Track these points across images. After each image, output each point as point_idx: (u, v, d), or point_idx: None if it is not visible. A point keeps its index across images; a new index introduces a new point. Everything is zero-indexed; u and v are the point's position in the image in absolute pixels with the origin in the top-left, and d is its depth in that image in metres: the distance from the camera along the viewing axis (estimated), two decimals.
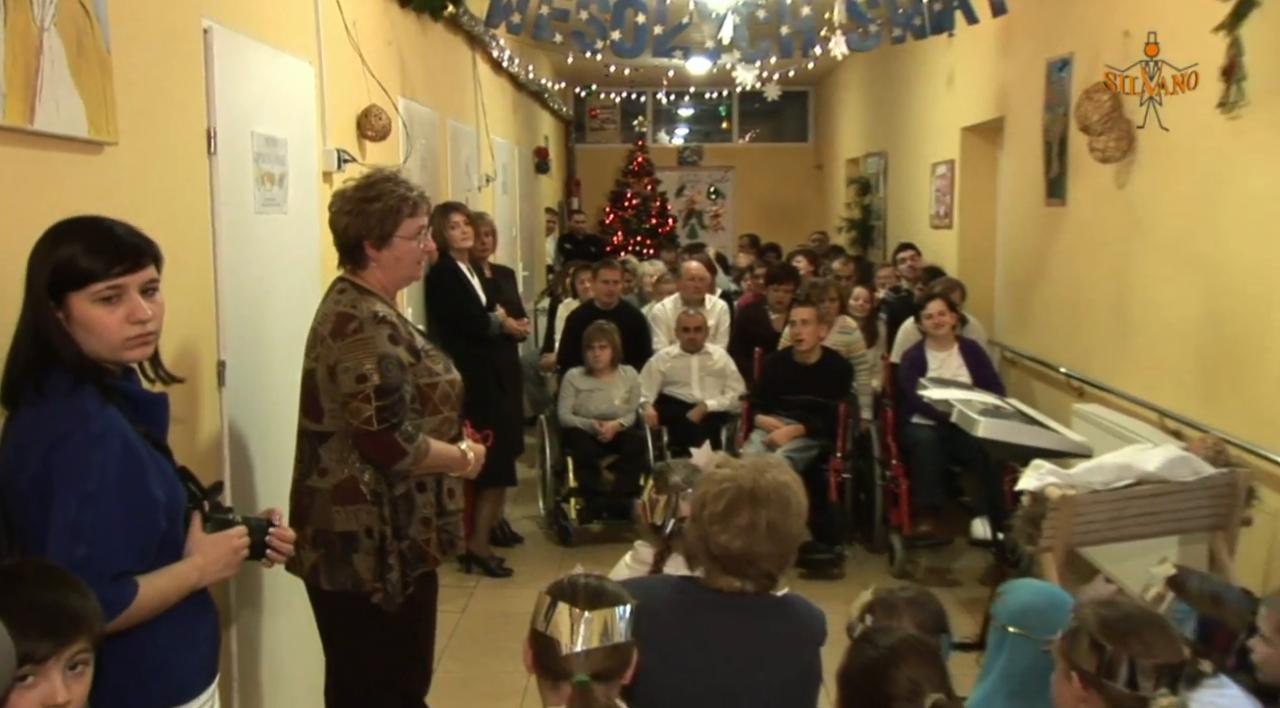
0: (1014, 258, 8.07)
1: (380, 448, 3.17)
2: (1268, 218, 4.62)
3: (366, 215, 3.25)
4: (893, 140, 12.08)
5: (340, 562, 3.23)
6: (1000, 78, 8.16)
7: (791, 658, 2.63)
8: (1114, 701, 2.27)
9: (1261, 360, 4.65)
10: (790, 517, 2.60)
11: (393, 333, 3.21)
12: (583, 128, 18.48)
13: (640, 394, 7.20)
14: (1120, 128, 5.79)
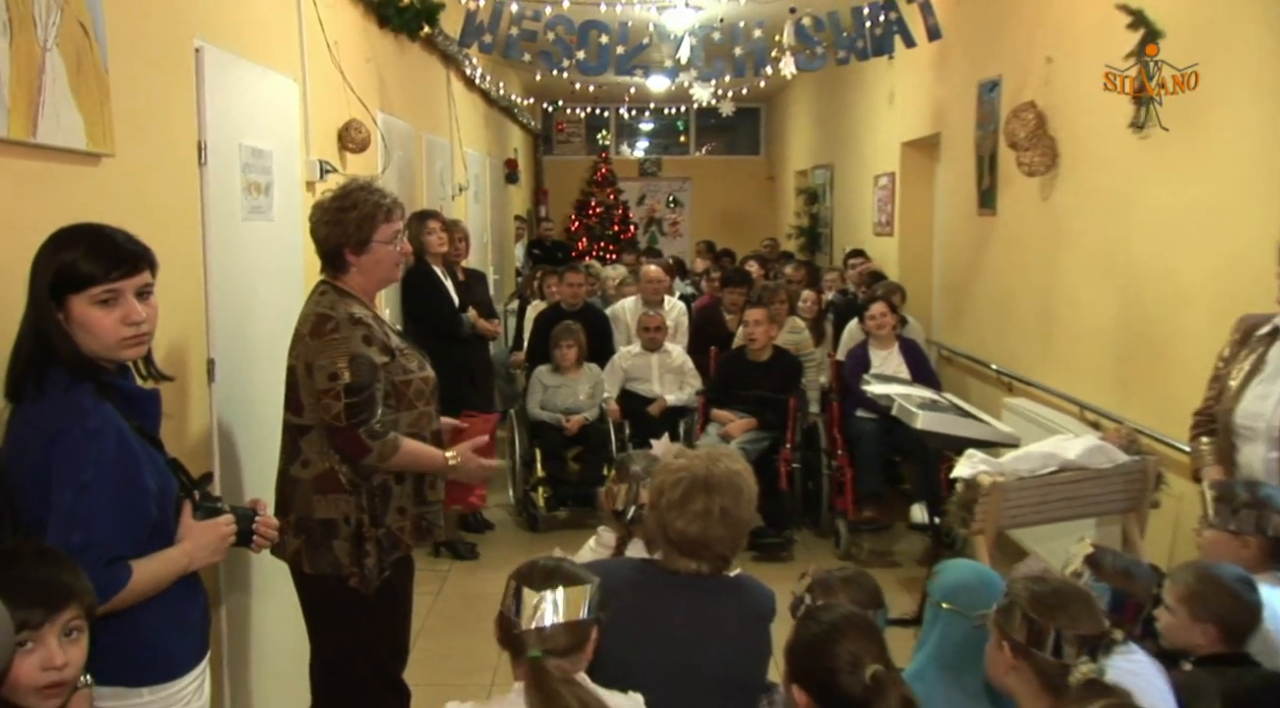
0: (949, 263, 8.09)
1: (347, 443, 3.16)
2: (1174, 229, 4.67)
3: (344, 223, 3.24)
4: (838, 154, 12.10)
5: (321, 547, 3.22)
6: (936, 97, 8.19)
7: (743, 633, 2.65)
8: (1041, 669, 2.28)
9: (1169, 358, 4.70)
10: (742, 503, 2.63)
11: (367, 334, 3.19)
12: (550, 141, 18.42)
13: (604, 390, 7.20)
14: (1044, 144, 5.86)
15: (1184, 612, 2.77)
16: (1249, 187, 4.12)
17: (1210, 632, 2.73)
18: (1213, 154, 4.38)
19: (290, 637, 4.30)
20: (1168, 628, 2.81)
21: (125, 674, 2.30)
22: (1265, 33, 4.00)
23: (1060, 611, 2.29)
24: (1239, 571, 2.82)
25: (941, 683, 2.70)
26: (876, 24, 7.00)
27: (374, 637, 3.33)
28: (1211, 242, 4.38)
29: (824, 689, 2.18)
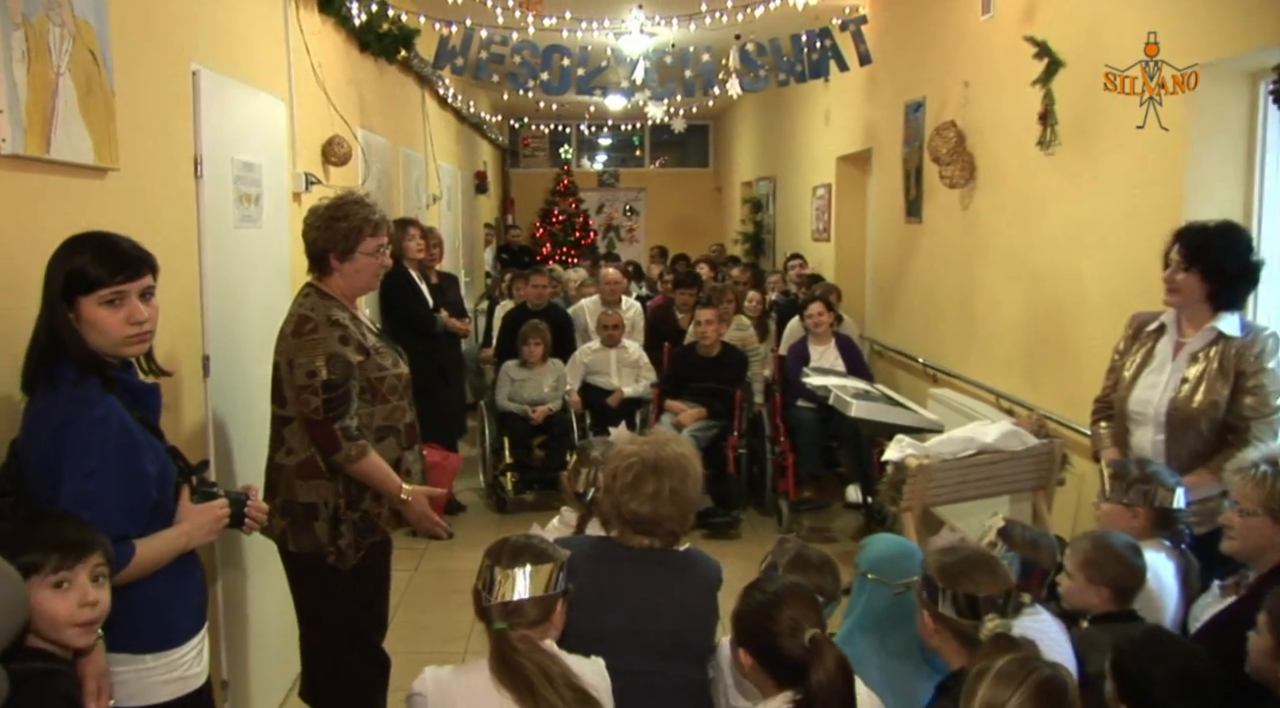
0: (880, 266, 8.12)
1: (322, 436, 3.17)
2: (1075, 236, 4.74)
3: (334, 231, 3.26)
4: (780, 167, 12.12)
5: (304, 528, 3.25)
6: (868, 116, 8.22)
7: (692, 601, 2.68)
8: (955, 629, 2.33)
9: (1072, 351, 4.76)
10: (689, 483, 2.66)
11: (343, 334, 3.20)
12: (517, 154, 18.35)
13: (566, 383, 7.23)
14: (964, 159, 5.92)
15: (1082, 576, 2.85)
16: (1139, 199, 4.19)
17: (1104, 593, 2.82)
18: (1107, 171, 4.45)
19: (281, 610, 4.32)
20: (1068, 591, 2.88)
21: (132, 642, 2.33)
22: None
23: (963, 577, 2.33)
24: (1128, 539, 2.91)
25: (868, 645, 2.75)
26: (814, 50, 7.05)
27: (354, 610, 3.34)
28: (1107, 247, 4.45)
29: (767, 652, 2.22)
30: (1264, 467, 2.71)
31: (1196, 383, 3.32)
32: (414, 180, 7.93)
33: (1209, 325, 3.35)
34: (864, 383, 6.04)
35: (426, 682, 2.31)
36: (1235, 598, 2.74)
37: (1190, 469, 3.29)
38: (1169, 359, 3.44)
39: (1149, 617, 2.85)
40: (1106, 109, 4.42)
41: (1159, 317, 3.53)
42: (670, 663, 2.62)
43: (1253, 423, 3.22)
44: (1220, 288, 3.31)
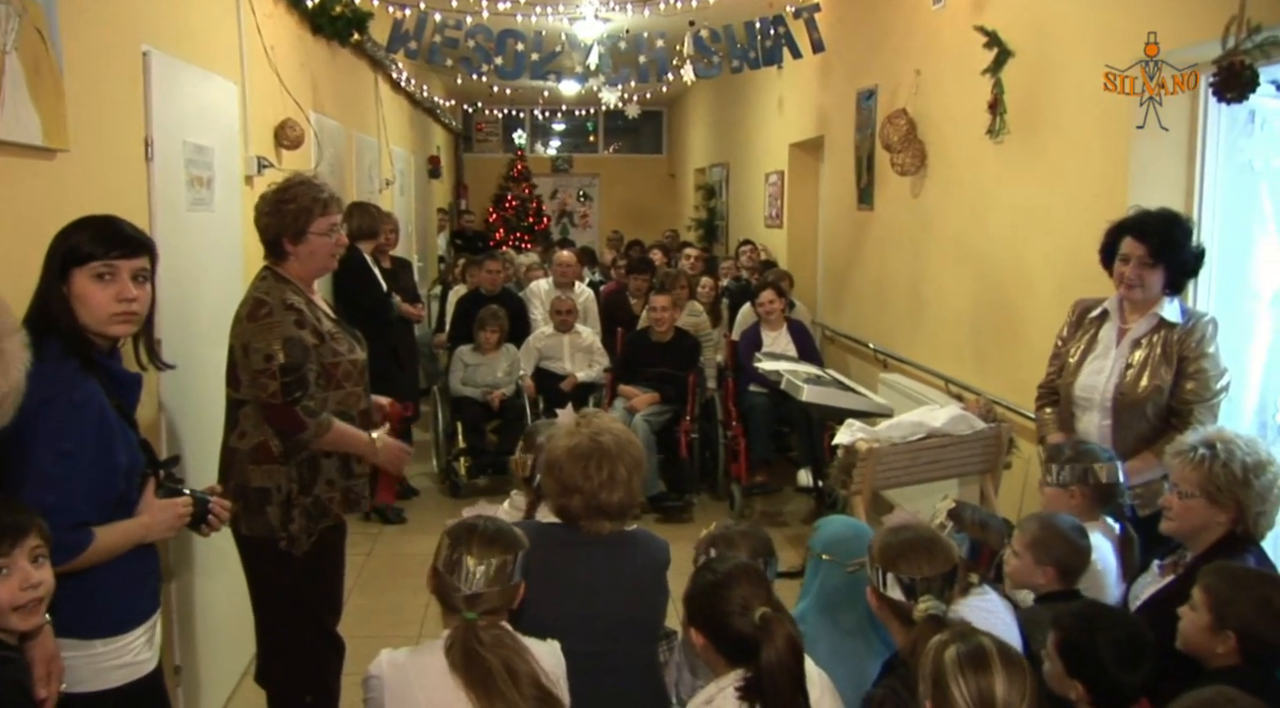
0: (832, 253, 8.18)
1: (284, 419, 3.14)
2: (1022, 223, 4.80)
3: (283, 215, 3.22)
4: (733, 153, 12.16)
5: (255, 512, 3.21)
6: (820, 103, 8.26)
7: (642, 581, 2.70)
8: (893, 607, 2.37)
9: (1019, 337, 4.83)
10: (629, 466, 2.67)
11: (299, 318, 3.16)
12: (470, 139, 18.25)
13: (520, 368, 7.22)
14: (914, 147, 5.97)
15: (1029, 556, 2.90)
16: (1082, 188, 4.26)
17: (1049, 573, 2.88)
18: (1053, 160, 4.52)
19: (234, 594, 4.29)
20: (1014, 571, 2.94)
21: (81, 627, 2.32)
22: (1091, 56, 4.17)
23: (901, 559, 2.37)
24: (1074, 520, 2.97)
25: (821, 623, 2.79)
26: (767, 37, 7.08)
27: (307, 594, 3.33)
28: (1053, 235, 4.52)
29: (718, 631, 2.24)
30: (1202, 450, 2.77)
31: (1141, 368, 3.38)
32: (367, 165, 7.87)
33: (1151, 312, 3.41)
34: (815, 368, 6.07)
35: (382, 664, 2.31)
36: (1173, 577, 2.81)
37: (1136, 453, 3.36)
38: (1113, 345, 3.50)
39: (1092, 596, 2.91)
40: (1054, 99, 4.49)
41: (1101, 303, 3.60)
42: (621, 643, 2.64)
43: (1195, 407, 3.30)
44: (1176, 276, 3.38)
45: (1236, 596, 2.33)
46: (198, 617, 3.87)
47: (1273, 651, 2.31)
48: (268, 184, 4.88)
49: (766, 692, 2.13)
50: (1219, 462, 2.72)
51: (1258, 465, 2.72)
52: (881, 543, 2.44)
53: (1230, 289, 3.85)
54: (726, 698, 2.19)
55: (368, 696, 2.32)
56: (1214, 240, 3.83)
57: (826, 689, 2.32)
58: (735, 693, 2.18)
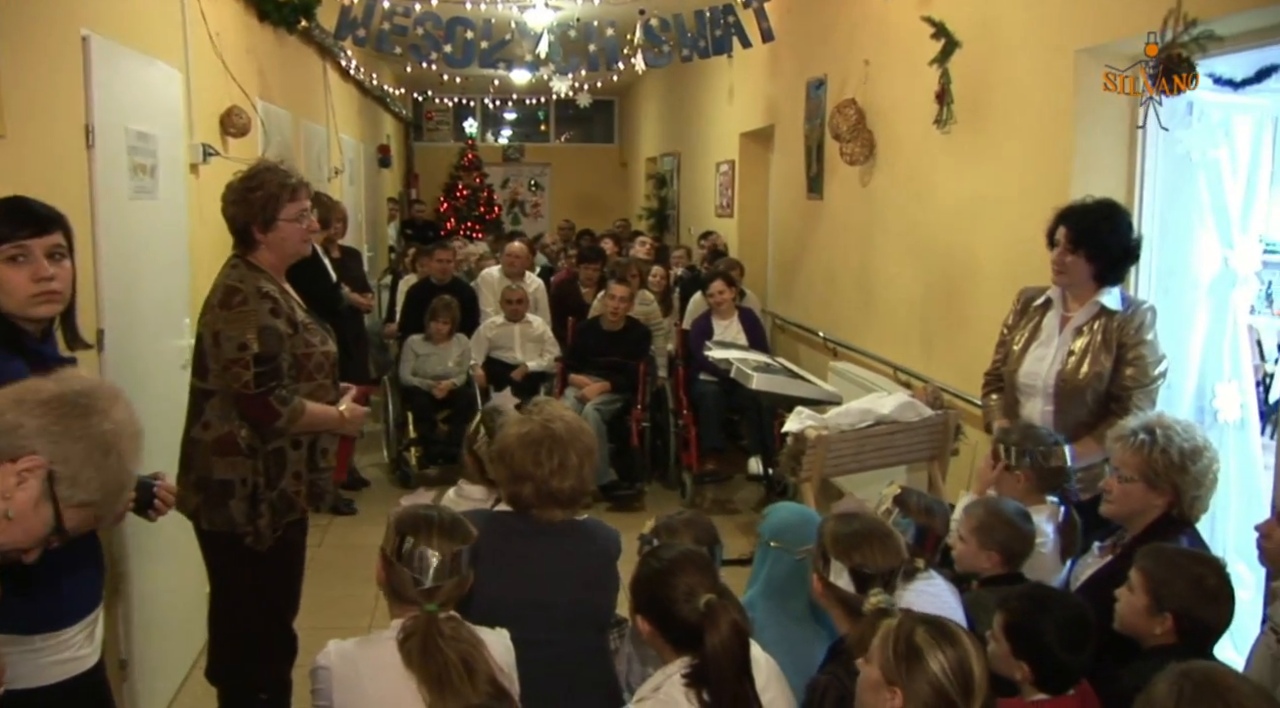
0: (782, 242, 8.22)
1: (258, 409, 3.09)
2: (968, 212, 4.85)
3: (251, 203, 3.15)
4: (684, 143, 12.17)
5: (218, 506, 3.15)
6: (770, 93, 8.29)
7: (592, 571, 2.70)
8: (840, 598, 2.39)
9: (966, 324, 4.88)
10: (581, 453, 2.66)
11: (274, 307, 3.12)
12: (420, 128, 18.14)
13: (470, 357, 7.18)
14: (863, 137, 6.01)
15: (974, 541, 2.94)
16: (1027, 178, 4.31)
17: (994, 557, 2.92)
18: (999, 149, 4.57)
19: (183, 586, 4.24)
20: (960, 555, 2.98)
21: (19, 623, 2.27)
22: (1035, 47, 4.23)
23: (855, 550, 2.37)
24: (1019, 506, 3.01)
25: (769, 610, 2.80)
26: (717, 26, 7.08)
27: (269, 590, 3.28)
28: (999, 223, 4.57)
29: (664, 618, 2.25)
30: (1142, 435, 2.83)
31: (1082, 355, 3.43)
32: (315, 153, 7.78)
33: (1092, 300, 3.46)
34: (765, 356, 6.10)
35: (330, 655, 2.29)
36: (1112, 558, 2.86)
37: (1077, 438, 3.41)
38: (1056, 333, 3.55)
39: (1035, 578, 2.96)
40: (999, 89, 4.53)
41: (1045, 291, 3.64)
42: (572, 632, 2.64)
43: (1133, 393, 3.35)
44: (1104, 267, 3.43)
45: (1172, 577, 2.38)
46: (144, 610, 3.81)
47: (1207, 629, 2.36)
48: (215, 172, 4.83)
49: (712, 678, 2.14)
50: (1158, 447, 2.78)
51: (1194, 451, 2.78)
52: (832, 532, 2.44)
53: (1169, 277, 3.91)
54: (674, 685, 2.19)
55: (315, 687, 2.29)
56: (1153, 229, 3.90)
57: (773, 675, 2.33)
58: (682, 680, 2.18)
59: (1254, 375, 4.07)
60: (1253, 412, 3.81)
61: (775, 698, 2.29)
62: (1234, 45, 3.34)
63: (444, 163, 17.75)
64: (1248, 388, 3.80)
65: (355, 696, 2.22)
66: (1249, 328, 4.05)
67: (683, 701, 2.16)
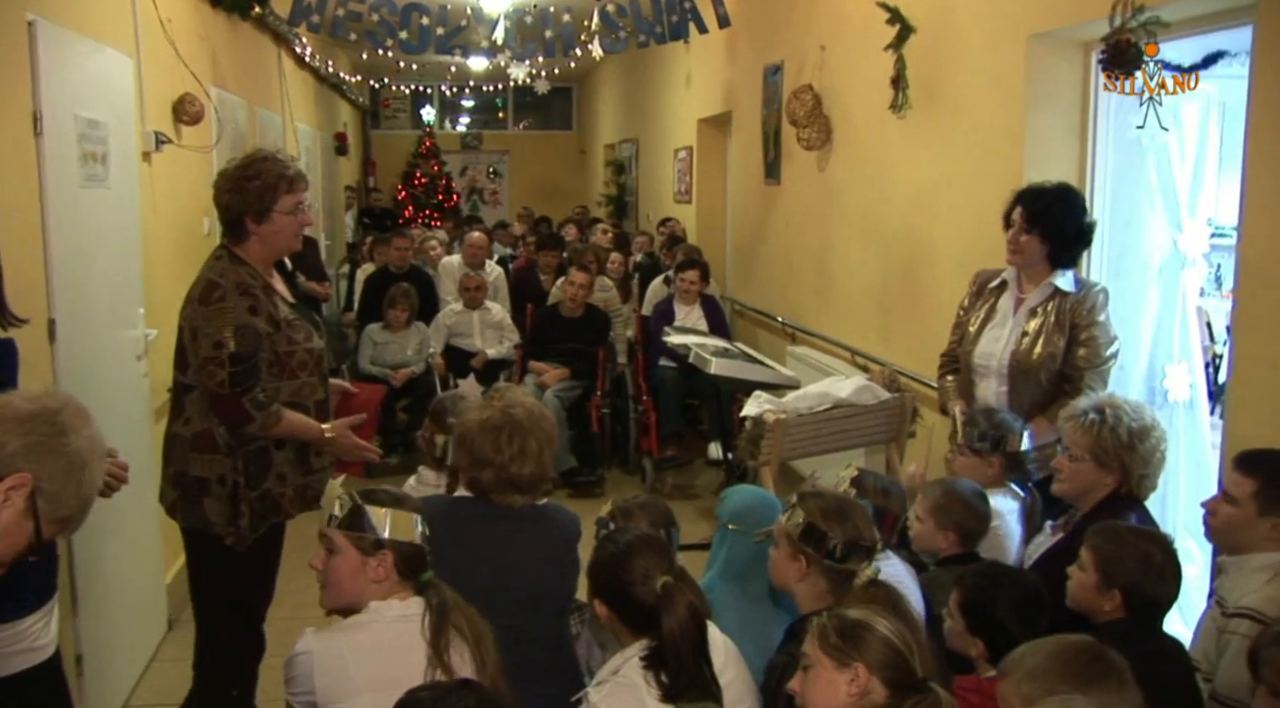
0: (740, 228, 8.23)
1: (230, 410, 3.00)
2: (924, 197, 4.88)
3: (246, 192, 3.04)
4: (642, 129, 12.15)
5: (193, 503, 3.08)
6: (727, 79, 8.29)
7: (552, 555, 2.71)
8: (828, 573, 2.39)
9: (922, 309, 4.91)
10: (540, 438, 2.67)
11: (253, 304, 3.01)
12: (377, 116, 17.98)
13: (430, 345, 7.16)
14: (820, 122, 6.03)
15: (931, 521, 2.98)
16: (983, 162, 4.34)
17: (950, 537, 2.95)
18: (954, 134, 4.59)
19: (139, 578, 4.19)
20: (917, 535, 3.01)
21: None
22: (988, 32, 4.25)
23: (847, 522, 2.39)
24: (976, 487, 3.05)
25: (728, 592, 2.83)
26: (673, 12, 7.07)
27: (244, 589, 3.24)
28: (955, 208, 4.60)
29: (621, 601, 2.26)
30: (1092, 415, 2.87)
31: (1036, 336, 3.48)
32: (271, 142, 7.67)
33: (1046, 281, 3.51)
34: (724, 341, 6.12)
35: (311, 641, 2.27)
36: (1064, 535, 2.90)
37: (1030, 418, 3.46)
38: (1010, 314, 3.59)
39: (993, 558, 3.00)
40: (953, 74, 4.56)
41: (1001, 273, 3.69)
42: (533, 616, 2.65)
43: (1086, 373, 3.40)
44: (1058, 248, 3.48)
45: (1120, 555, 2.42)
46: (97, 604, 3.76)
47: (1154, 604, 2.40)
48: (167, 160, 4.76)
49: (669, 661, 2.15)
50: (1107, 426, 2.83)
51: (1142, 431, 2.83)
52: (819, 506, 2.44)
53: (1121, 260, 3.97)
54: (632, 668, 2.20)
55: (293, 673, 2.26)
56: (1105, 213, 3.95)
57: (731, 656, 2.35)
58: (640, 663, 2.19)
59: (1203, 357, 4.13)
60: (1202, 392, 3.87)
61: (734, 679, 2.31)
62: (1180, 31, 3.39)
63: (402, 151, 17.61)
64: (1197, 369, 3.86)
65: (339, 679, 2.21)
66: (1198, 310, 4.12)
67: (641, 683, 2.16)
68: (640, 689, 2.15)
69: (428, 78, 16.19)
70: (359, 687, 2.19)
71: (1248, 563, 2.52)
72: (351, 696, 2.19)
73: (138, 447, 3.98)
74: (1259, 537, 2.51)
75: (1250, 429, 2.92)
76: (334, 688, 2.20)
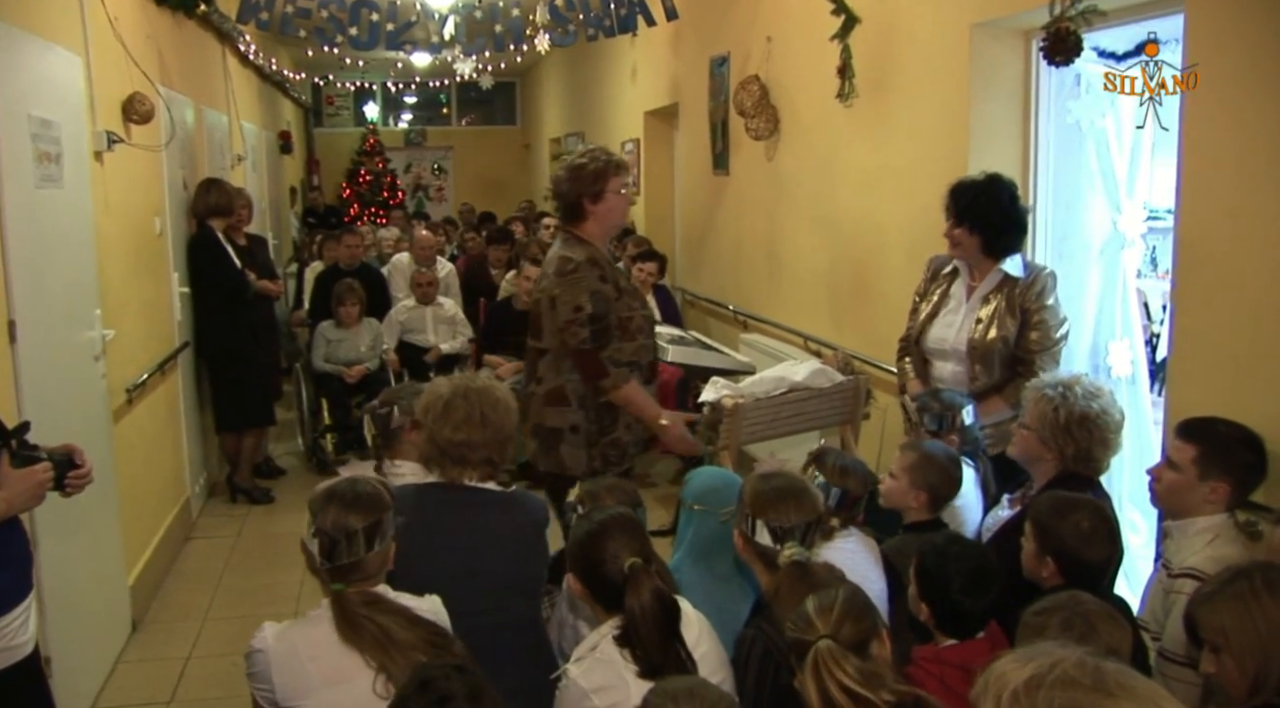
0: (689, 218, 8.28)
1: (590, 365, 3.52)
2: (871, 184, 4.96)
3: (583, 175, 3.56)
4: (588, 122, 12.15)
5: (549, 449, 3.63)
6: (674, 71, 8.33)
7: (519, 540, 2.75)
8: (759, 552, 2.48)
9: (872, 293, 5.01)
10: (499, 410, 2.73)
11: (602, 274, 3.54)
12: (320, 113, 17.84)
13: (383, 342, 7.15)
14: (767, 113, 6.11)
15: (905, 479, 3.06)
16: (927, 149, 4.44)
17: (921, 497, 3.04)
18: (900, 123, 4.68)
19: (104, 579, 4.17)
20: (888, 491, 3.08)
21: None
22: (932, 21, 4.34)
23: (770, 506, 2.46)
24: (951, 451, 3.15)
25: (695, 571, 2.89)
26: (621, 4, 7.09)
27: None
28: (902, 195, 4.68)
29: (593, 579, 2.34)
30: (1049, 390, 2.98)
31: (989, 322, 3.60)
32: (217, 141, 7.62)
33: (996, 268, 3.62)
34: (678, 330, 6.17)
35: (266, 638, 2.28)
36: (1020, 508, 3.00)
37: (986, 398, 3.59)
38: (964, 301, 3.71)
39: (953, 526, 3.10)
40: (899, 63, 4.65)
41: (953, 259, 3.79)
42: (502, 600, 2.69)
43: (1038, 355, 3.53)
44: (990, 238, 3.59)
45: (1051, 523, 2.52)
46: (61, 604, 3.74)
47: (1088, 568, 2.48)
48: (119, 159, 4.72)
49: (636, 639, 2.21)
50: (1052, 404, 2.94)
51: (1083, 418, 2.91)
52: (752, 490, 2.53)
53: (1064, 242, 4.09)
54: (608, 644, 2.26)
55: (252, 670, 2.29)
56: (1048, 196, 4.07)
57: (705, 630, 2.41)
58: (613, 639, 2.25)
59: (1142, 335, 4.26)
60: (1143, 368, 4.00)
61: (708, 653, 2.37)
62: (1116, 19, 3.51)
63: (345, 148, 17.49)
64: (1138, 346, 3.99)
65: (296, 676, 2.23)
66: (1136, 290, 4.25)
67: (618, 658, 2.22)
68: (619, 665, 2.21)
69: (371, 74, 16.10)
70: (314, 684, 2.21)
71: (1191, 526, 2.64)
72: (309, 693, 2.21)
73: (97, 447, 3.95)
74: (1199, 500, 2.63)
75: (1191, 400, 3.04)
76: (292, 685, 2.22)
